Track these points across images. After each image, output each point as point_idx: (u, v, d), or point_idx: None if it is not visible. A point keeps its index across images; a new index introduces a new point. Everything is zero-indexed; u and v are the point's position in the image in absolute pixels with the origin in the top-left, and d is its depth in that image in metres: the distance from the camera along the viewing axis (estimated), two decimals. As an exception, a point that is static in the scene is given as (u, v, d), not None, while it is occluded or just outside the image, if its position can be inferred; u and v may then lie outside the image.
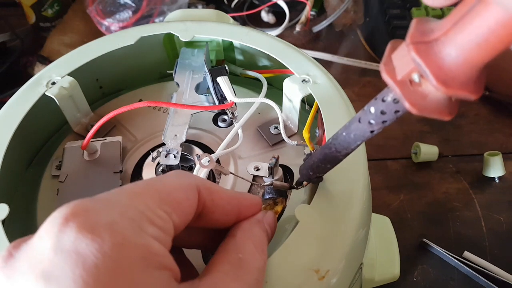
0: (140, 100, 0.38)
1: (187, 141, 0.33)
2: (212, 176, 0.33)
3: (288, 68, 0.34)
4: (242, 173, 0.33)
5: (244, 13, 0.74)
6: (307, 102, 0.34)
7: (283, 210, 0.30)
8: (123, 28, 0.64)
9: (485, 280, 0.46)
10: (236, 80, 0.38)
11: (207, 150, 0.34)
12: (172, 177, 0.21)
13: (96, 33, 0.65)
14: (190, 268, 0.24)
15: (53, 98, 0.33)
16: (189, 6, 0.70)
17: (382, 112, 0.19)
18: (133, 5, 0.64)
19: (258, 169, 0.32)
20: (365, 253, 0.32)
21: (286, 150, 0.34)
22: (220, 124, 0.36)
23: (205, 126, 0.36)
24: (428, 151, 0.56)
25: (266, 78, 0.37)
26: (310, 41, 0.73)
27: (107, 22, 0.64)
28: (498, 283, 0.45)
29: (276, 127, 0.35)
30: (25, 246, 0.17)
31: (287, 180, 0.33)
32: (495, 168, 0.53)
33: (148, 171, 0.33)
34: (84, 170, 0.32)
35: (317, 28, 0.71)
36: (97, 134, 0.33)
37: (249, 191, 0.32)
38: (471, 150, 0.59)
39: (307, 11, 0.71)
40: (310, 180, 0.27)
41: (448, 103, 0.17)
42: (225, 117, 0.36)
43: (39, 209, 0.31)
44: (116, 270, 0.16)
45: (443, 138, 0.60)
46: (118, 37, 0.37)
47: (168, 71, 0.40)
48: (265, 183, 0.30)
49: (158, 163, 0.33)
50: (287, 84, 0.33)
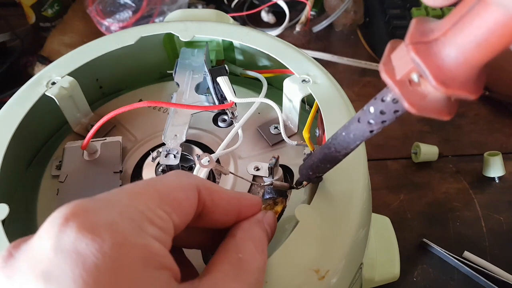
0: (140, 100, 0.38)
1: (187, 141, 0.33)
2: (212, 176, 0.33)
3: (288, 68, 0.34)
4: (242, 173, 0.33)
5: (244, 13, 0.74)
6: (307, 102, 0.34)
7: (283, 210, 0.30)
8: (123, 28, 0.64)
9: (485, 280, 0.46)
10: (236, 80, 0.38)
11: (207, 150, 0.34)
12: (172, 177, 0.21)
13: (96, 33, 0.65)
14: (190, 268, 0.24)
15: (53, 98, 0.33)
16: (189, 6, 0.70)
17: (382, 112, 0.19)
18: (133, 5, 0.64)
19: (258, 169, 0.32)
20: (365, 253, 0.32)
21: (286, 150, 0.34)
22: (220, 124, 0.36)
23: (205, 126, 0.36)
24: (428, 151, 0.56)
25: (266, 78, 0.37)
26: (310, 41, 0.73)
27: (107, 22, 0.64)
28: (498, 283, 0.45)
29: (276, 127, 0.35)
30: (25, 246, 0.17)
31: (287, 180, 0.33)
32: (495, 168, 0.53)
33: (148, 171, 0.33)
34: (84, 170, 0.32)
35: (317, 28, 0.71)
36: (97, 134, 0.33)
37: (249, 191, 0.32)
38: (471, 150, 0.59)
39: (307, 11, 0.71)
40: (310, 180, 0.27)
41: (448, 103, 0.17)
42: (225, 117, 0.36)
43: (39, 209, 0.31)
44: (116, 270, 0.16)
45: (443, 138, 0.60)
46: (118, 37, 0.37)
47: (168, 71, 0.40)
48: (265, 183, 0.30)
49: (158, 163, 0.33)
50: (287, 84, 0.33)
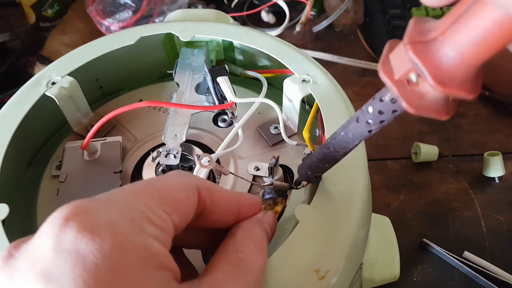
0: (140, 100, 0.38)
1: (187, 141, 0.33)
2: (212, 176, 0.33)
3: (288, 68, 0.34)
4: (242, 173, 0.33)
5: (244, 13, 0.74)
6: (307, 102, 0.34)
7: (283, 210, 0.30)
8: (123, 28, 0.64)
9: (485, 280, 0.46)
10: (236, 80, 0.38)
11: (207, 150, 0.34)
12: (172, 177, 0.21)
13: (96, 33, 0.65)
14: (190, 268, 0.24)
15: (53, 98, 0.33)
16: (189, 6, 0.70)
17: (380, 112, 0.19)
18: (133, 5, 0.64)
19: (258, 169, 0.32)
20: (365, 253, 0.32)
21: (286, 150, 0.34)
22: (220, 124, 0.36)
23: (205, 126, 0.36)
24: (428, 151, 0.56)
25: (266, 78, 0.37)
26: (310, 41, 0.73)
27: (107, 22, 0.64)
28: (498, 283, 0.45)
29: (276, 127, 0.35)
30: (25, 246, 0.17)
31: (287, 180, 0.33)
32: (495, 168, 0.53)
33: (148, 171, 0.33)
34: (84, 170, 0.32)
35: (317, 28, 0.71)
36: (97, 134, 0.33)
37: (249, 191, 0.32)
38: (471, 150, 0.59)
39: (307, 11, 0.71)
40: (309, 180, 0.27)
41: (446, 103, 0.17)
42: (225, 117, 0.36)
43: (39, 209, 0.31)
44: (116, 270, 0.16)
45: (443, 138, 0.60)
46: (118, 37, 0.37)
47: (168, 71, 0.40)
48: (265, 183, 0.30)
49: (158, 163, 0.33)
50: (287, 84, 0.33)
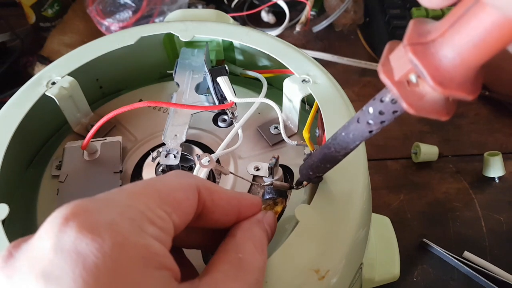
0: (140, 100, 0.38)
1: (187, 141, 0.33)
2: (212, 176, 0.33)
3: (288, 68, 0.34)
4: (242, 173, 0.33)
5: (244, 13, 0.74)
6: (307, 102, 0.34)
7: (283, 210, 0.30)
8: (123, 28, 0.64)
9: (485, 280, 0.46)
10: (236, 80, 0.38)
11: (207, 150, 0.34)
12: (172, 177, 0.21)
13: (96, 33, 0.65)
14: (190, 268, 0.24)
15: (53, 98, 0.33)
16: (189, 6, 0.70)
17: (381, 113, 0.19)
18: (133, 5, 0.64)
19: (258, 169, 0.32)
20: (365, 253, 0.32)
21: (286, 150, 0.34)
22: (220, 124, 0.36)
23: (205, 126, 0.36)
24: (428, 151, 0.56)
25: (266, 78, 0.37)
26: (310, 41, 0.73)
27: (107, 22, 0.64)
28: (498, 283, 0.45)
29: (276, 127, 0.35)
30: (25, 246, 0.17)
31: (287, 180, 0.33)
32: (495, 168, 0.53)
33: (148, 171, 0.33)
34: (84, 170, 0.32)
35: (317, 28, 0.71)
36: (97, 134, 0.33)
37: (249, 191, 0.32)
38: (471, 150, 0.59)
39: (307, 11, 0.71)
40: (310, 180, 0.27)
41: (446, 103, 0.17)
42: (225, 117, 0.36)
43: (39, 209, 0.31)
44: (116, 270, 0.16)
45: (443, 138, 0.60)
46: (118, 37, 0.37)
47: (168, 71, 0.40)
48: (265, 183, 0.30)
49: (158, 163, 0.33)
50: (287, 84, 0.33)
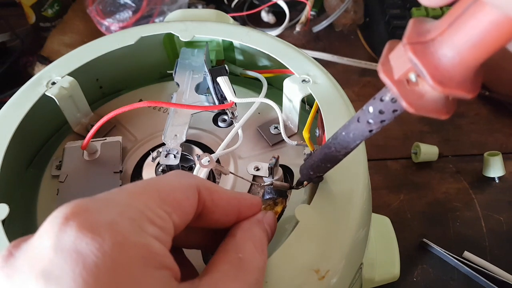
0: (140, 100, 0.38)
1: (187, 141, 0.33)
2: (212, 176, 0.33)
3: (288, 68, 0.34)
4: (242, 173, 0.33)
5: (244, 13, 0.74)
6: (307, 102, 0.34)
7: (283, 210, 0.30)
8: (123, 28, 0.64)
9: (485, 280, 0.46)
10: (236, 80, 0.38)
11: (207, 150, 0.34)
12: (172, 177, 0.21)
13: (96, 33, 0.65)
14: (190, 268, 0.24)
15: (53, 98, 0.33)
16: (189, 6, 0.70)
17: (381, 112, 0.19)
18: (133, 5, 0.64)
19: (258, 169, 0.32)
20: (365, 253, 0.32)
21: (286, 150, 0.34)
22: (220, 124, 0.36)
23: (205, 126, 0.36)
24: (428, 151, 0.56)
25: (266, 78, 0.37)
26: (310, 41, 0.73)
27: (107, 22, 0.64)
28: (498, 283, 0.45)
29: (276, 127, 0.35)
30: (25, 245, 0.17)
31: (287, 180, 0.33)
32: (495, 168, 0.53)
33: (148, 171, 0.33)
34: (84, 170, 0.32)
35: (317, 28, 0.71)
36: (97, 134, 0.33)
37: (249, 191, 0.32)
38: (471, 150, 0.59)
39: (307, 11, 0.71)
40: (310, 180, 0.27)
41: (445, 102, 0.17)
42: (225, 117, 0.36)
43: (39, 209, 0.31)
44: (116, 269, 0.16)
45: (443, 138, 0.60)
46: (118, 37, 0.37)
47: (168, 71, 0.40)
48: (265, 183, 0.30)
49: (158, 163, 0.33)
50: (287, 84, 0.33)
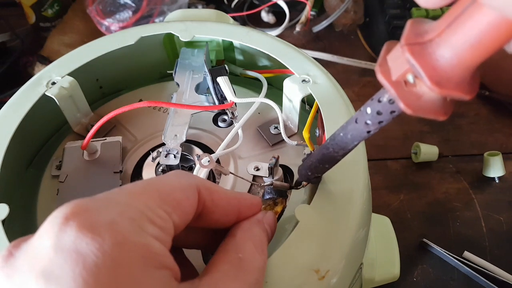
0: (140, 100, 0.38)
1: (187, 141, 0.33)
2: (212, 176, 0.33)
3: (288, 68, 0.34)
4: (242, 173, 0.33)
5: (244, 13, 0.74)
6: (307, 102, 0.34)
7: (283, 210, 0.30)
8: (123, 28, 0.64)
9: (485, 280, 0.46)
10: (236, 80, 0.38)
11: (207, 150, 0.34)
12: (172, 177, 0.21)
13: (96, 33, 0.65)
14: (190, 268, 0.24)
15: (53, 98, 0.33)
16: (189, 6, 0.70)
17: (378, 113, 0.19)
18: (133, 5, 0.64)
19: (258, 169, 0.32)
20: (365, 253, 0.32)
21: (286, 150, 0.34)
22: (220, 124, 0.36)
23: (205, 126, 0.36)
24: (428, 151, 0.56)
25: (266, 78, 0.37)
26: (310, 41, 0.73)
27: (107, 22, 0.64)
28: (498, 283, 0.45)
29: (276, 127, 0.35)
30: (25, 245, 0.17)
31: (287, 180, 0.33)
32: (495, 168, 0.54)
33: (148, 171, 0.33)
34: (84, 170, 0.32)
35: (317, 28, 0.71)
36: (97, 134, 0.33)
37: (249, 191, 0.32)
38: (471, 150, 0.59)
39: (307, 11, 0.71)
40: (309, 181, 0.27)
41: (443, 103, 0.17)
42: (225, 117, 0.36)
43: (39, 209, 0.31)
44: (116, 269, 0.16)
45: (443, 138, 0.60)
46: (118, 37, 0.37)
47: (168, 71, 0.40)
48: (265, 183, 0.30)
49: (158, 163, 0.33)
50: (287, 84, 0.33)
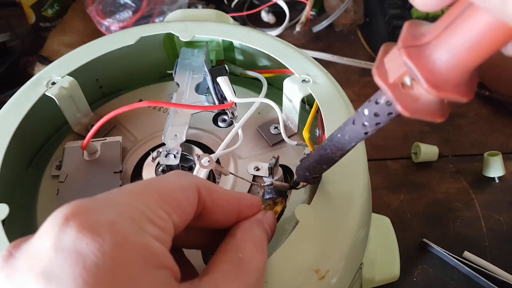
0: (140, 100, 0.38)
1: (187, 141, 0.33)
2: (212, 176, 0.33)
3: (288, 68, 0.34)
4: (242, 173, 0.33)
5: (244, 13, 0.74)
6: (307, 102, 0.34)
7: (283, 210, 0.30)
8: (123, 28, 0.64)
9: (485, 280, 0.46)
10: (236, 80, 0.38)
11: (207, 150, 0.34)
12: (172, 177, 0.21)
13: (96, 33, 0.65)
14: (190, 268, 0.24)
15: (53, 98, 0.33)
16: (189, 6, 0.70)
17: (376, 114, 0.19)
18: (133, 5, 0.64)
19: (258, 169, 0.32)
20: (365, 253, 0.32)
21: (286, 150, 0.34)
22: (220, 124, 0.36)
23: (205, 126, 0.36)
24: (428, 151, 0.56)
25: (266, 78, 0.37)
26: (310, 41, 0.73)
27: (107, 22, 0.64)
28: (498, 283, 0.45)
29: (276, 127, 0.35)
30: (25, 245, 0.17)
31: (287, 180, 0.33)
32: (495, 168, 0.53)
33: (148, 171, 0.33)
34: (84, 170, 0.32)
35: (317, 28, 0.71)
36: (97, 134, 0.33)
37: (249, 191, 0.32)
38: (471, 150, 0.59)
39: (307, 11, 0.71)
40: (307, 181, 0.27)
41: (440, 105, 0.17)
42: (225, 117, 0.36)
43: (39, 209, 0.31)
44: (116, 269, 0.16)
45: (443, 138, 0.60)
46: (118, 37, 0.37)
47: (168, 71, 0.40)
48: (265, 183, 0.30)
49: (158, 163, 0.33)
50: (287, 84, 0.33)
